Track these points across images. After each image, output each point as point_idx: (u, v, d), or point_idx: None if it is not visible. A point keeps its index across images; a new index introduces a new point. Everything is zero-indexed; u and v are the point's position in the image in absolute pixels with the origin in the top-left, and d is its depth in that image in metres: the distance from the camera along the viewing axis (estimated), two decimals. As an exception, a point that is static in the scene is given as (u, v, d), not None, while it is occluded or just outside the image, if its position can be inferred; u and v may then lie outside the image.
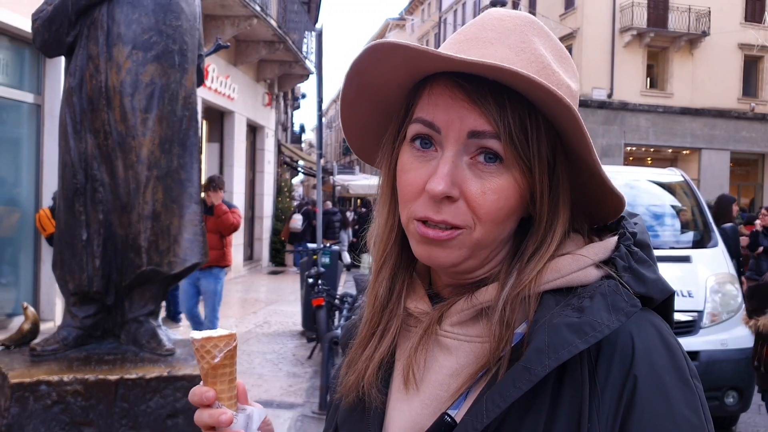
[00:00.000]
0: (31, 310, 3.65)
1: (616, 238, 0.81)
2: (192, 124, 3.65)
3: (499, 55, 0.78)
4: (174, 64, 3.53)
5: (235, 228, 7.37)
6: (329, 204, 20.21)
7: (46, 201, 8.49)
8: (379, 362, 0.86)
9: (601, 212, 0.85)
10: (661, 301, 0.79)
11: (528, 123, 0.76)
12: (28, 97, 8.59)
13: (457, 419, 0.75)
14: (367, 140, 0.93)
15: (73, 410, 3.18)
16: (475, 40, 0.80)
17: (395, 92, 0.85)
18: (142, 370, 3.32)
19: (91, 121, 3.45)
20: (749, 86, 24.95)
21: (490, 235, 0.78)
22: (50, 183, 8.68)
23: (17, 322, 8.39)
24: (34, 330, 3.61)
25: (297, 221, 16.20)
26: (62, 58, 3.85)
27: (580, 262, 0.78)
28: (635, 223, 0.83)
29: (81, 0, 3.38)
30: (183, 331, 8.01)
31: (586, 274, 0.77)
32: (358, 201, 35.70)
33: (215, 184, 7.23)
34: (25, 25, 7.95)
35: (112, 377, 3.23)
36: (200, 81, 3.86)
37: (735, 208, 9.75)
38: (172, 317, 8.73)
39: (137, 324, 3.59)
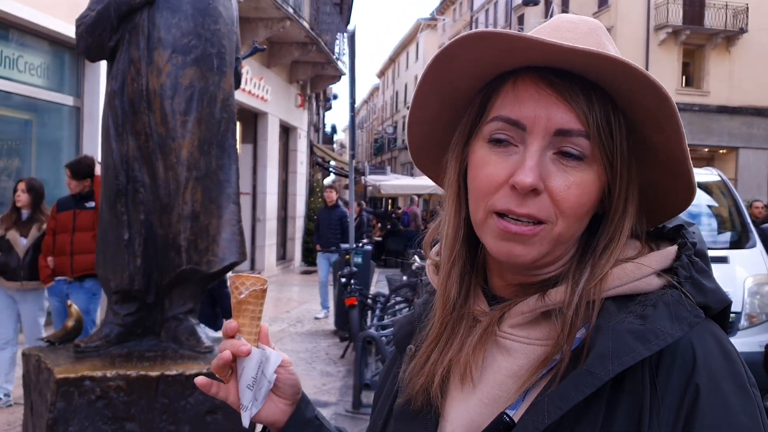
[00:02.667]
0: (75, 308, 3.75)
1: (676, 247, 0.81)
2: (230, 126, 3.71)
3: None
4: (212, 68, 3.60)
5: None
6: (362, 205, 20.28)
7: (86, 201, 8.68)
8: (447, 366, 0.85)
9: (667, 206, 0.85)
10: (719, 310, 0.80)
11: (612, 119, 0.78)
12: (68, 100, 8.79)
13: (515, 419, 0.76)
14: (430, 139, 0.93)
15: (116, 405, 3.26)
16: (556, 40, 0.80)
17: (469, 89, 0.85)
18: (181, 367, 3.39)
19: (133, 123, 3.54)
20: (789, 84, 24.43)
21: (570, 230, 0.79)
22: (89, 184, 8.88)
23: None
24: (78, 327, 3.71)
25: None
26: (100, 63, 3.95)
27: (643, 271, 0.78)
28: (693, 233, 0.83)
29: (123, 5, 3.46)
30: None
31: (648, 283, 0.77)
32: (389, 201, 35.71)
33: (79, 168, 5.46)
34: (65, 29, 8.15)
35: (153, 373, 3.31)
36: (237, 84, 3.93)
37: (759, 204, 9.79)
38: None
39: (177, 321, 3.67)
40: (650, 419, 0.71)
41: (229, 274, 0.92)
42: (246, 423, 0.94)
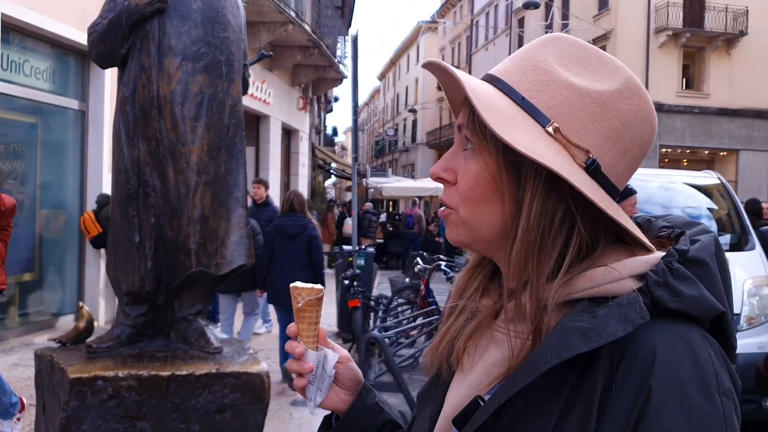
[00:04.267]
0: (86, 309, 3.82)
1: (662, 254, 0.82)
2: (238, 131, 3.80)
3: (500, 67, 0.90)
4: (221, 74, 3.68)
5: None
6: (370, 205, 20.39)
7: (90, 204, 8.76)
8: (450, 340, 0.97)
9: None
10: (713, 319, 0.80)
11: None
12: (73, 104, 8.88)
13: None
14: None
15: (128, 404, 3.33)
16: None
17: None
18: (191, 367, 3.46)
19: (144, 129, 3.61)
20: (789, 86, 24.49)
21: (473, 214, 0.88)
22: (94, 187, 8.96)
23: (63, 321, 8.69)
24: (89, 328, 3.78)
25: (350, 226, 16.45)
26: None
27: (612, 275, 0.80)
28: (696, 240, 0.84)
29: (134, 14, 3.54)
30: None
31: (620, 286, 0.79)
32: (391, 203, 35.78)
33: None
34: (71, 34, 8.25)
35: (164, 373, 3.38)
36: (245, 89, 4.01)
37: (766, 205, 9.80)
38: (211, 318, 8.93)
39: (186, 323, 3.74)
40: (600, 416, 0.74)
41: (291, 285, 1.02)
42: (311, 411, 1.12)
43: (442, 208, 0.92)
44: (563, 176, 0.78)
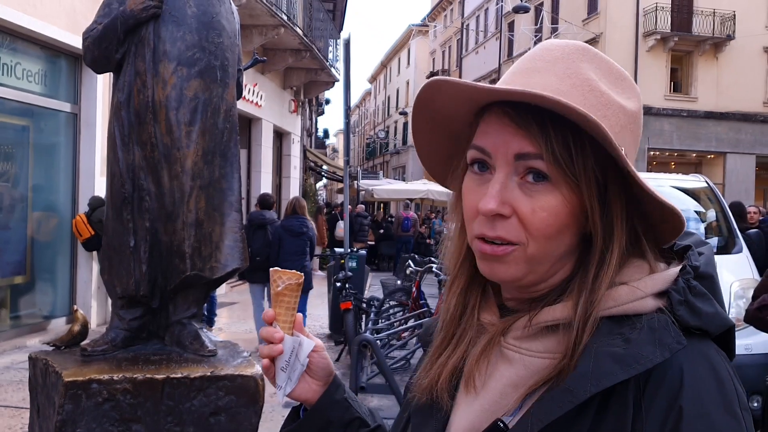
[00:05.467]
0: (80, 312, 3.83)
1: (677, 269, 0.84)
2: (233, 136, 3.83)
3: (543, 83, 0.83)
4: (216, 79, 3.71)
5: None
6: (362, 207, 20.45)
7: (82, 207, 8.76)
8: (452, 369, 0.92)
9: (663, 232, 0.87)
10: (721, 332, 0.82)
11: (571, 142, 0.81)
12: (65, 107, 8.87)
13: (509, 426, 0.82)
14: (441, 165, 1.00)
15: (123, 407, 3.35)
16: (526, 71, 0.87)
17: (462, 123, 0.92)
18: (186, 370, 3.48)
19: (139, 133, 3.63)
20: (775, 90, 24.73)
21: (543, 250, 0.83)
22: (86, 190, 8.96)
23: (54, 324, 8.67)
24: (84, 331, 3.79)
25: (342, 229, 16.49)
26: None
27: (636, 294, 0.81)
28: (701, 253, 0.86)
29: (129, 19, 3.57)
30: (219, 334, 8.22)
31: (643, 304, 0.80)
32: (381, 206, 35.80)
33: None
34: (63, 37, 8.24)
35: (159, 376, 3.40)
36: (239, 94, 4.04)
37: (752, 209, 9.98)
38: (207, 321, 8.95)
39: (181, 326, 3.76)
40: None
41: (271, 269, 1.04)
42: (280, 400, 1.09)
43: (495, 246, 0.84)
44: (668, 205, 0.82)
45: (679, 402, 0.73)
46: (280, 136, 17.78)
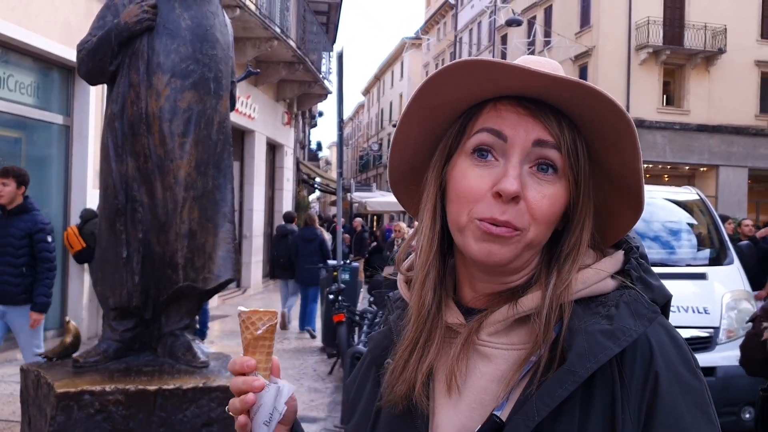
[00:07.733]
0: (73, 323, 3.83)
1: (622, 251, 0.92)
2: (226, 147, 3.85)
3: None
4: (210, 91, 3.73)
5: None
6: (360, 221, 20.49)
7: (74, 219, 8.73)
8: (426, 373, 0.91)
9: (614, 225, 0.95)
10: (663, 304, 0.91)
11: (577, 141, 0.89)
12: (57, 119, 8.86)
13: (503, 419, 0.82)
14: (409, 158, 1.00)
15: (115, 419, 3.34)
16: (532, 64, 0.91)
17: (449, 117, 0.94)
18: (178, 381, 3.48)
19: (132, 145, 3.65)
20: (767, 103, 24.89)
21: (539, 236, 0.88)
22: (78, 202, 8.94)
23: (45, 336, 8.61)
24: (76, 343, 3.79)
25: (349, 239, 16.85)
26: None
27: (600, 275, 0.88)
28: (633, 237, 0.95)
29: (123, 32, 3.59)
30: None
31: (605, 285, 0.88)
32: (375, 218, 35.82)
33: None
34: (56, 49, 8.25)
35: (151, 388, 3.40)
36: (232, 106, 4.06)
37: (747, 222, 10.27)
38: (199, 333, 8.91)
39: (173, 337, 3.76)
40: (622, 407, 0.80)
41: (240, 309, 0.90)
42: None
43: (503, 228, 0.85)
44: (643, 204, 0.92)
45: (654, 368, 0.81)
46: (273, 148, 17.79)
